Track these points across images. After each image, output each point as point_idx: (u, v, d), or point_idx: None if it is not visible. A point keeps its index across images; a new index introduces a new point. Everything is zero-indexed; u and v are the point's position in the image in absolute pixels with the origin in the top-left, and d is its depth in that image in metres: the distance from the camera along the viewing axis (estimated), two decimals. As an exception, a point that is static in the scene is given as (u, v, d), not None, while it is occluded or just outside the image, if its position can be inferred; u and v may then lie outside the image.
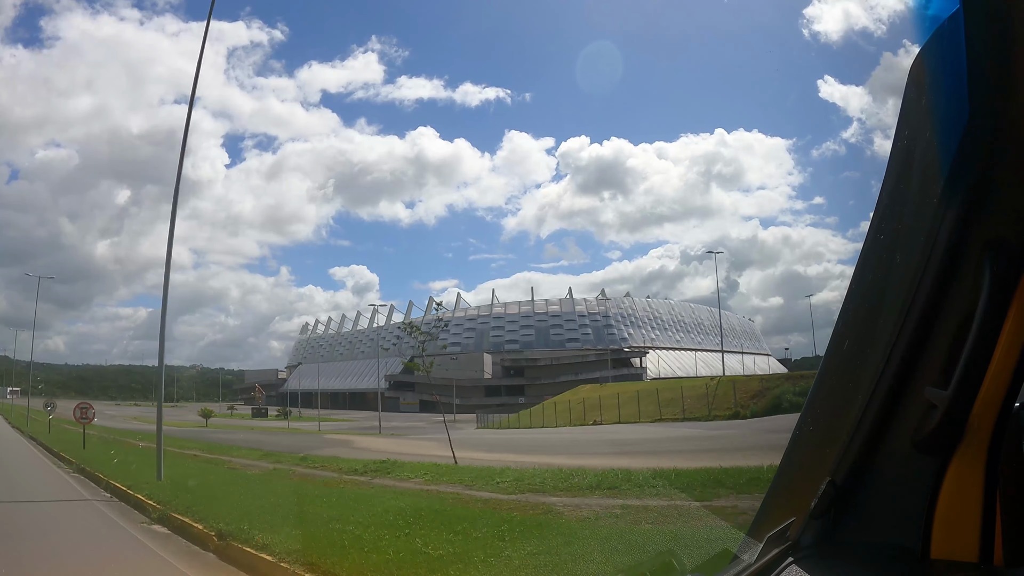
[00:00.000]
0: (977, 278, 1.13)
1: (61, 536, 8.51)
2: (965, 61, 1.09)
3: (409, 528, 7.16)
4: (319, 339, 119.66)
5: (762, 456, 10.57)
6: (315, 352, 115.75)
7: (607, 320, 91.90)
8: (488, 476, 11.38)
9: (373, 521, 7.67)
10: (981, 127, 1.08)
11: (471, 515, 8.02)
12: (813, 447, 1.53)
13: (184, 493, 10.52)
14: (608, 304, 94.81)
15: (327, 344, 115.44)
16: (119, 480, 12.98)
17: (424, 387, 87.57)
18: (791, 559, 1.35)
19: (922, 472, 1.24)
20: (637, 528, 6.94)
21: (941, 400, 1.17)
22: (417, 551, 6.16)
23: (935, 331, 1.21)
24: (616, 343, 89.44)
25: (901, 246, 1.30)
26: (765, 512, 1.62)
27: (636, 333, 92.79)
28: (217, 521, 8.02)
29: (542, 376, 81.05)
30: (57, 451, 21.15)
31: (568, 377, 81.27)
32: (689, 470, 10.29)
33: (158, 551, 7.70)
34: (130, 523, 9.55)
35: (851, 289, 1.44)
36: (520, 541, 6.38)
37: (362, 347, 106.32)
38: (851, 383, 1.38)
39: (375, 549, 6.26)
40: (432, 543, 6.39)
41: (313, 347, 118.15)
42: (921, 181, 1.26)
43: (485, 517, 7.85)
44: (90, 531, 9.10)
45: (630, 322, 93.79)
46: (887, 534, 1.30)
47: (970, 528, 1.21)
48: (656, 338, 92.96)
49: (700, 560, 2.88)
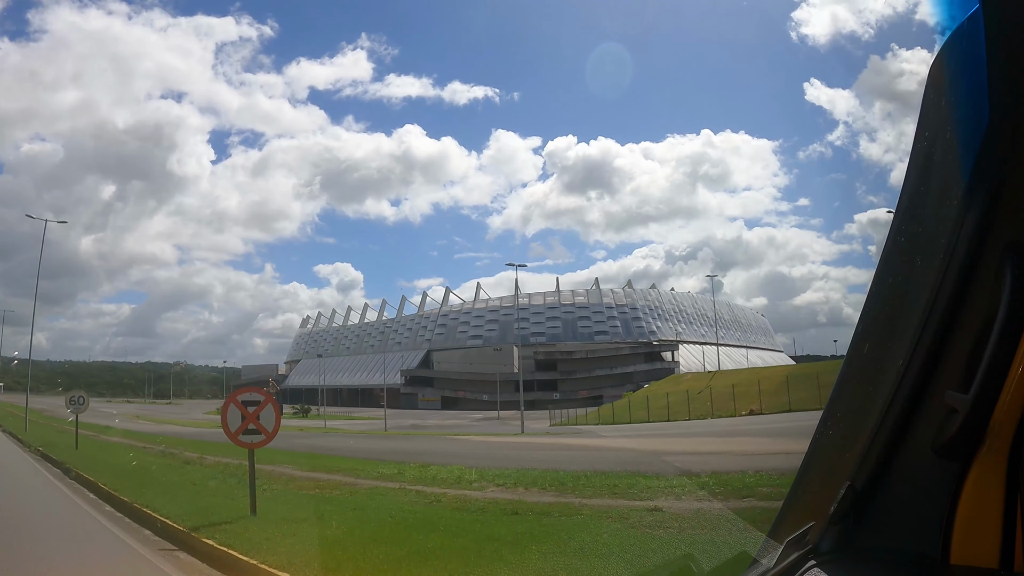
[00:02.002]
0: (998, 281, 1.12)
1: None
2: (985, 62, 1.07)
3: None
4: (322, 333, 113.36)
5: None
6: (317, 346, 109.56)
7: (635, 312, 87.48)
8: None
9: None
10: (1001, 129, 1.08)
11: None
12: (833, 451, 1.50)
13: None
14: (635, 296, 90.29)
15: (331, 338, 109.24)
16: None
17: (445, 382, 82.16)
18: (811, 563, 1.35)
19: (942, 477, 1.23)
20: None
21: (962, 404, 1.15)
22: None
23: (955, 335, 1.20)
24: (644, 336, 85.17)
25: (921, 249, 1.29)
26: (784, 516, 1.59)
27: (663, 326, 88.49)
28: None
29: (578, 370, 76.19)
30: (128, 499, 10.33)
31: (604, 371, 76.75)
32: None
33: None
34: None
35: (872, 292, 1.41)
36: None
37: (371, 340, 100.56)
38: (871, 387, 1.37)
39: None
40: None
41: (316, 341, 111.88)
42: (941, 184, 1.24)
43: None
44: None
45: (656, 315, 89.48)
46: (907, 539, 1.29)
47: (990, 534, 1.19)
48: (682, 331, 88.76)
49: (718, 563, 3.02)
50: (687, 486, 10.58)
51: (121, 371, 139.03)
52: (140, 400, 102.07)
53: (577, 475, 11.72)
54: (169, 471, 14.46)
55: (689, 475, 11.81)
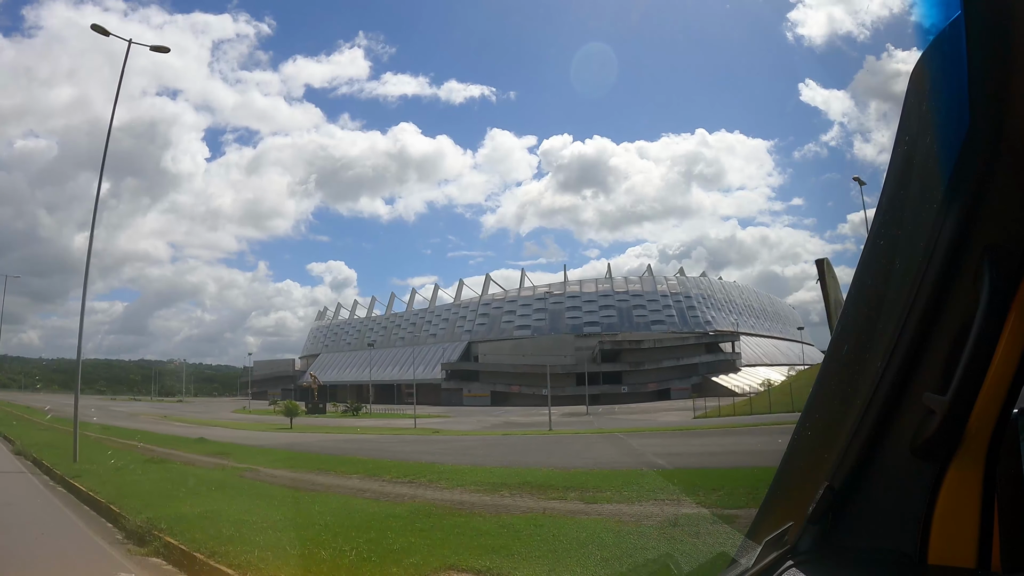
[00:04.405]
0: (976, 284, 1.14)
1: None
2: (966, 67, 1.10)
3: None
4: (342, 325, 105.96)
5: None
6: (338, 340, 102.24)
7: (690, 301, 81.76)
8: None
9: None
10: (981, 133, 1.10)
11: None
12: (811, 451, 1.51)
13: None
14: (688, 284, 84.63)
15: (353, 331, 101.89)
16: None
17: (493, 376, 75.52)
18: (789, 563, 1.36)
19: (920, 478, 1.25)
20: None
21: (940, 406, 1.18)
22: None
23: (934, 337, 1.22)
24: (700, 326, 79.53)
25: (901, 251, 1.30)
26: (763, 516, 1.59)
27: (718, 316, 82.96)
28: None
29: (645, 361, 70.17)
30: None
31: (671, 362, 70.89)
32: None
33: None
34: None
35: (850, 294, 1.43)
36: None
37: (400, 333, 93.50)
38: (850, 388, 1.38)
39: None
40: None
41: (336, 334, 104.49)
42: (921, 187, 1.27)
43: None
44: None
45: (709, 304, 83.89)
46: (885, 539, 1.30)
47: (968, 534, 1.21)
48: (735, 322, 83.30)
49: (697, 564, 2.97)
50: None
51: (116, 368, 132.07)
52: (147, 398, 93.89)
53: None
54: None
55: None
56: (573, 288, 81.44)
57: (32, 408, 45.63)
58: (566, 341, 72.90)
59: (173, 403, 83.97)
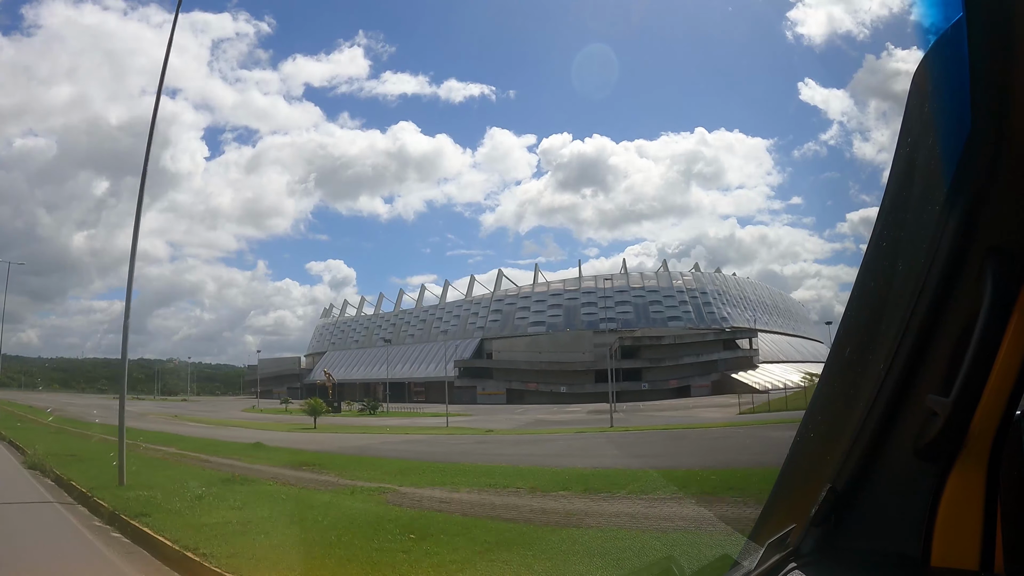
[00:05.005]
0: (979, 286, 1.14)
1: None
2: (968, 69, 1.10)
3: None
4: (349, 322, 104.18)
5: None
6: (345, 337, 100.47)
7: (705, 297, 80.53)
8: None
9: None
10: (983, 135, 1.10)
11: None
12: (814, 453, 1.51)
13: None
14: (703, 279, 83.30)
15: (361, 328, 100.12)
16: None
17: (509, 373, 73.94)
18: (792, 566, 1.36)
19: (923, 479, 1.25)
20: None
21: (943, 407, 1.18)
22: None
23: (937, 338, 1.23)
24: (716, 322, 78.28)
25: (903, 253, 1.31)
26: (766, 518, 1.60)
27: (734, 312, 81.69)
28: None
29: (665, 358, 68.72)
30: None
31: (691, 359, 69.50)
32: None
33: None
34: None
35: (853, 296, 1.43)
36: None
37: (410, 330, 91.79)
38: (853, 390, 1.38)
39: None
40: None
41: (343, 331, 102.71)
42: (923, 189, 1.27)
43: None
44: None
45: (725, 300, 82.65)
46: (888, 541, 1.30)
47: (971, 536, 1.21)
48: (751, 318, 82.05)
49: (700, 566, 2.86)
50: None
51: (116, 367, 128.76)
52: (149, 397, 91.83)
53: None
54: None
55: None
56: (588, 284, 79.94)
57: (36, 408, 43.87)
58: (584, 337, 71.31)
59: (178, 402, 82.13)
